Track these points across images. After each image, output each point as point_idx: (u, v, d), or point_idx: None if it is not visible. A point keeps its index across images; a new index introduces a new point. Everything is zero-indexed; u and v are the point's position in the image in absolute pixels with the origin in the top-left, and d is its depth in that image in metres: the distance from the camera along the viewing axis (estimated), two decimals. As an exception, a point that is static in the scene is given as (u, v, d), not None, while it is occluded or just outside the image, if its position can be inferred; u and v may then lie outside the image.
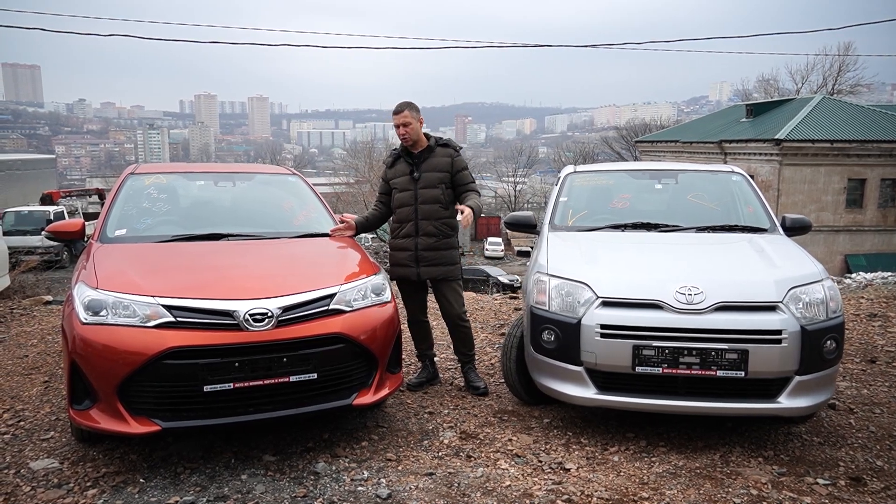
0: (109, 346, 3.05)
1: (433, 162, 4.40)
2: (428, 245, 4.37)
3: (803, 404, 3.41)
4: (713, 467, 3.32)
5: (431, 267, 4.39)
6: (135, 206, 4.29)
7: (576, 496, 3.04)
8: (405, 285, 4.56)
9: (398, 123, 4.37)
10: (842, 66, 43.01)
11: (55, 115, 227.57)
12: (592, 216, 4.66)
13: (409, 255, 4.41)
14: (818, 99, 29.88)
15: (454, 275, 4.47)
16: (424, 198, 4.37)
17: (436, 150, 4.43)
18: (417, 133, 4.38)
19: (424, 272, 4.40)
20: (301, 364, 3.24)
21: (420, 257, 4.38)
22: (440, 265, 4.39)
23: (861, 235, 27.36)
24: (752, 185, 4.83)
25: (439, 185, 4.38)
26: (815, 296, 3.50)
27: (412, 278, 4.44)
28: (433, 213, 4.37)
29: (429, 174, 4.38)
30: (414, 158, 4.43)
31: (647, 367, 3.41)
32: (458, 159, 4.44)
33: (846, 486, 3.15)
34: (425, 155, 4.41)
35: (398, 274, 4.51)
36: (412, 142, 4.40)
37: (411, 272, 4.42)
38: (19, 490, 3.08)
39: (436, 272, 4.40)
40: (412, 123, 4.34)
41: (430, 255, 4.37)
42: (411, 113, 4.35)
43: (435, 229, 4.37)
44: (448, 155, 4.42)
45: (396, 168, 4.52)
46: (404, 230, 4.44)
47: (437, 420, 4.00)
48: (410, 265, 4.41)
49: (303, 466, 3.33)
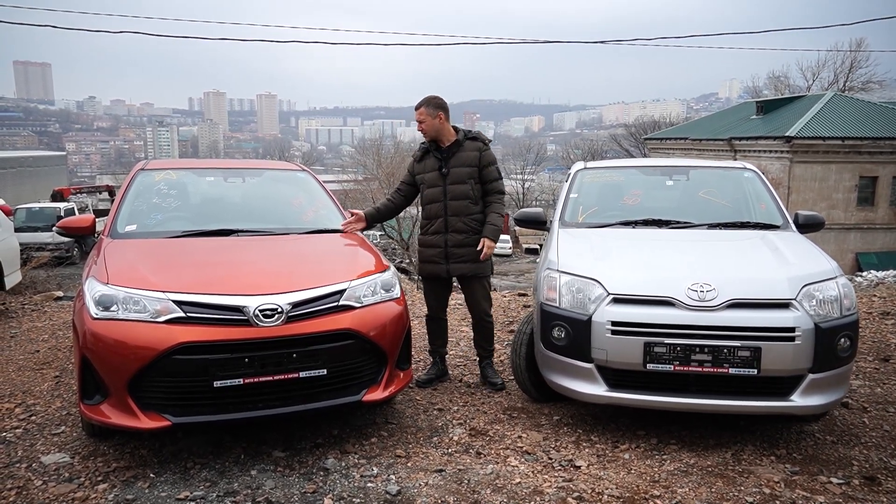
0: (120, 342, 3.05)
1: (461, 156, 4.36)
2: (458, 241, 4.34)
3: (816, 402, 3.38)
4: (725, 465, 3.30)
5: (461, 263, 4.36)
6: (145, 201, 4.29)
7: (586, 494, 3.02)
8: (431, 282, 4.54)
9: (416, 119, 4.39)
10: (853, 63, 42.63)
11: (66, 113, 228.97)
12: (603, 212, 4.63)
13: (438, 252, 4.38)
14: (829, 96, 29.62)
15: (484, 271, 4.45)
16: (454, 194, 4.34)
17: (464, 143, 4.38)
18: (435, 129, 4.34)
19: (454, 269, 4.38)
20: (310, 360, 3.23)
21: (450, 254, 4.35)
22: (470, 262, 4.36)
23: (872, 233, 27.12)
24: (765, 181, 4.78)
25: (468, 180, 4.34)
26: (828, 293, 3.46)
27: (441, 275, 4.42)
28: (463, 210, 4.34)
29: (457, 169, 4.34)
30: (443, 153, 4.39)
31: (658, 365, 3.39)
32: (486, 153, 4.39)
33: (860, 486, 3.12)
34: (454, 149, 4.37)
35: (427, 271, 4.49)
36: (431, 137, 4.37)
37: (441, 269, 4.40)
38: (31, 484, 3.10)
39: (466, 269, 4.38)
40: (427, 120, 4.32)
41: (460, 252, 4.34)
42: (426, 109, 4.32)
43: (465, 225, 4.34)
44: (476, 149, 4.38)
45: (425, 163, 4.48)
46: (434, 227, 4.42)
47: (446, 417, 3.99)
48: (440, 262, 4.39)
49: (312, 462, 3.32)
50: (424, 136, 4.41)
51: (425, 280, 4.58)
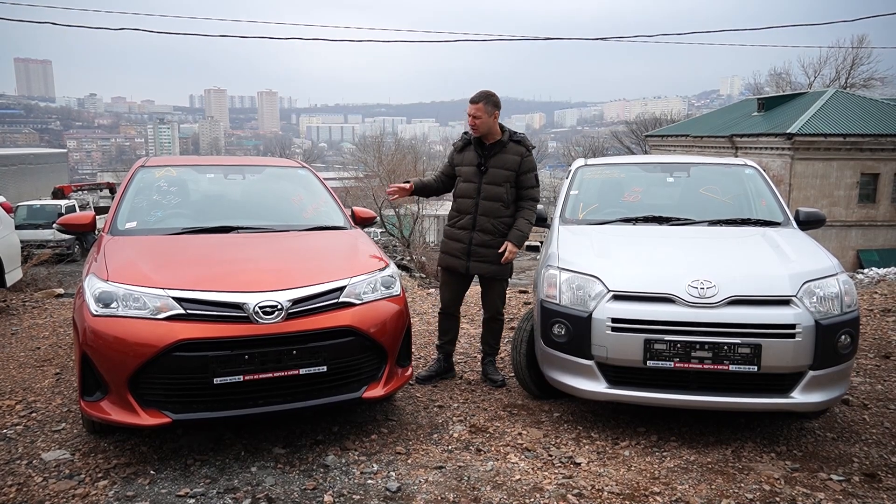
0: (120, 339, 3.05)
1: (503, 158, 4.30)
2: (482, 241, 4.32)
3: (817, 399, 3.38)
4: (725, 462, 3.30)
5: (483, 263, 4.34)
6: (145, 198, 4.29)
7: (586, 490, 3.02)
8: (449, 275, 4.52)
9: (470, 113, 4.28)
10: (855, 60, 42.52)
11: (66, 110, 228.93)
12: (603, 209, 4.63)
13: (461, 248, 4.37)
14: (831, 93, 29.56)
15: (504, 274, 4.43)
16: (487, 194, 4.30)
17: (508, 145, 4.33)
18: (488, 127, 4.28)
19: (474, 267, 4.36)
20: (310, 357, 3.23)
21: (472, 252, 4.34)
22: (491, 263, 4.34)
23: (874, 231, 27.09)
24: (766, 178, 4.78)
25: (504, 183, 4.29)
26: (829, 290, 3.45)
27: (460, 270, 4.41)
28: (493, 211, 4.30)
29: (496, 170, 4.29)
30: (484, 150, 4.35)
31: (658, 362, 3.39)
32: (527, 159, 4.33)
33: (860, 483, 3.12)
34: (496, 149, 4.32)
35: (446, 262, 4.47)
36: (481, 133, 4.31)
37: (460, 264, 4.38)
38: (31, 481, 3.10)
39: (487, 269, 4.36)
40: (482, 118, 4.24)
41: (482, 252, 4.32)
42: (486, 107, 4.23)
43: (492, 227, 4.31)
44: (519, 154, 4.32)
45: (465, 155, 4.44)
46: (462, 222, 4.39)
47: (446, 414, 3.99)
48: (461, 258, 4.37)
49: (312, 459, 3.33)
50: (474, 132, 4.32)
51: (443, 271, 4.56)
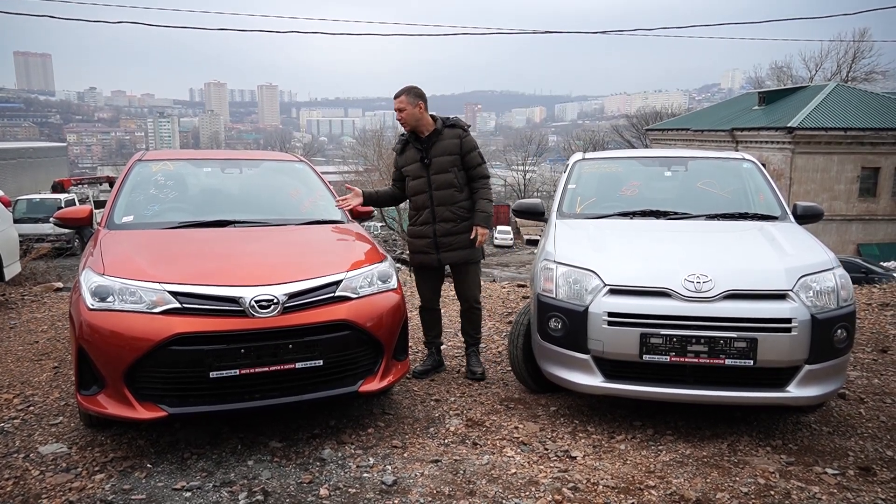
0: (116, 332, 3.05)
1: (442, 145, 4.35)
2: (446, 230, 4.35)
3: (813, 393, 3.38)
4: (721, 456, 3.30)
5: (451, 252, 4.38)
6: (142, 192, 4.29)
7: (581, 484, 3.02)
8: (423, 272, 4.55)
9: (395, 108, 4.37)
10: (857, 53, 42.41)
11: (66, 104, 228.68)
12: (601, 203, 4.62)
13: (427, 242, 4.39)
14: (832, 86, 29.51)
15: (475, 257, 4.47)
16: (438, 183, 4.34)
17: (443, 132, 4.38)
18: (415, 118, 4.33)
19: (445, 258, 4.39)
20: (307, 351, 3.24)
21: (439, 243, 4.37)
22: (460, 249, 4.38)
23: (874, 225, 27.09)
24: (763, 172, 4.77)
25: (451, 168, 4.34)
26: (825, 284, 3.45)
27: (433, 265, 4.44)
28: (448, 198, 4.34)
29: (439, 159, 4.34)
30: (423, 143, 4.38)
31: (654, 356, 3.39)
32: (466, 140, 4.38)
33: (855, 476, 3.13)
34: (434, 138, 4.37)
35: (418, 261, 4.50)
36: (411, 127, 4.36)
37: (432, 259, 4.41)
38: (28, 474, 3.11)
39: (456, 257, 4.40)
40: (406, 109, 4.30)
41: (449, 241, 4.36)
42: (407, 98, 4.31)
43: (452, 214, 4.35)
44: (457, 136, 4.37)
45: (407, 155, 4.48)
46: (421, 217, 4.43)
47: (443, 407, 3.99)
48: (430, 252, 4.40)
49: (309, 453, 3.33)
50: (403, 126, 4.40)
51: (417, 271, 4.59)
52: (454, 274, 4.56)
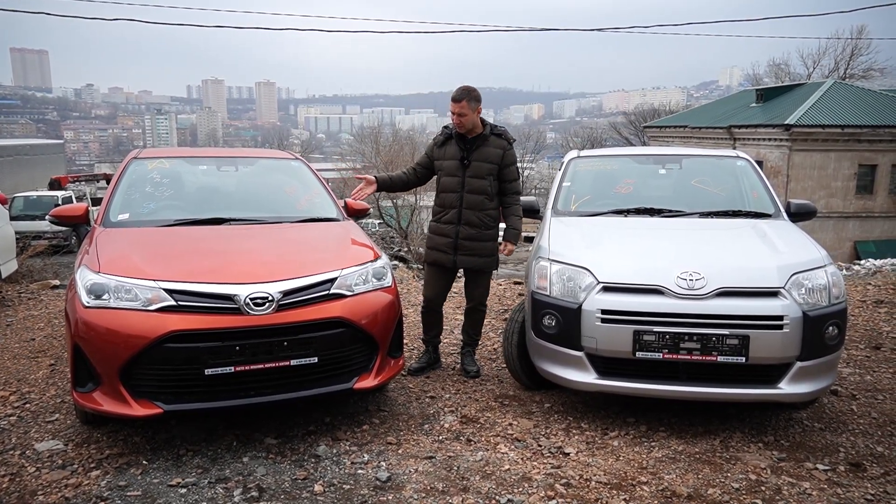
0: (111, 330, 3.07)
1: (485, 152, 4.32)
2: (469, 235, 4.34)
3: (804, 390, 3.41)
4: (713, 452, 3.33)
5: (469, 257, 4.37)
6: (138, 190, 4.30)
7: (574, 480, 3.05)
8: (436, 270, 4.53)
9: (454, 112, 4.28)
10: (854, 50, 42.40)
11: (63, 101, 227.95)
12: (595, 201, 4.64)
13: (448, 242, 4.38)
14: (829, 83, 29.51)
15: (490, 267, 4.47)
16: (471, 187, 4.32)
17: (489, 138, 4.35)
18: (473, 123, 4.30)
19: (461, 261, 4.39)
20: (302, 348, 3.25)
21: (459, 246, 4.35)
22: (479, 256, 4.37)
23: (871, 222, 27.12)
24: (757, 170, 4.79)
25: (488, 176, 4.32)
26: (817, 281, 3.48)
27: (447, 265, 4.43)
28: (478, 204, 4.33)
29: (479, 164, 4.31)
30: (466, 144, 4.35)
31: (647, 353, 3.41)
32: (509, 152, 4.37)
33: (845, 472, 3.15)
34: (478, 142, 4.34)
35: (433, 258, 4.48)
36: (466, 130, 4.32)
37: (447, 259, 4.40)
38: (24, 471, 3.13)
39: (473, 262, 4.39)
40: (467, 115, 4.25)
41: (469, 245, 4.35)
42: (469, 104, 4.24)
43: (478, 220, 4.34)
44: (500, 147, 4.35)
45: (446, 150, 4.44)
46: (447, 216, 4.40)
47: (438, 404, 4.01)
48: (447, 252, 4.39)
49: (304, 449, 3.35)
50: (460, 129, 4.32)
51: (429, 267, 4.57)
52: (467, 277, 4.56)
